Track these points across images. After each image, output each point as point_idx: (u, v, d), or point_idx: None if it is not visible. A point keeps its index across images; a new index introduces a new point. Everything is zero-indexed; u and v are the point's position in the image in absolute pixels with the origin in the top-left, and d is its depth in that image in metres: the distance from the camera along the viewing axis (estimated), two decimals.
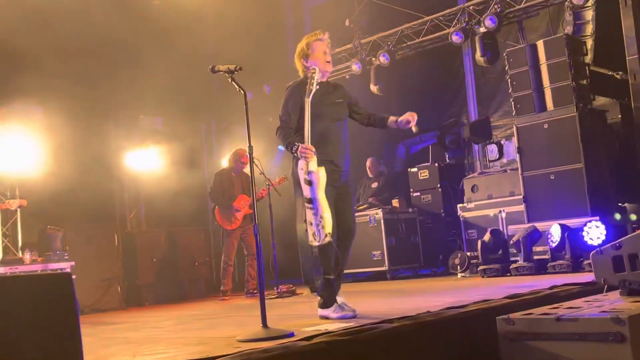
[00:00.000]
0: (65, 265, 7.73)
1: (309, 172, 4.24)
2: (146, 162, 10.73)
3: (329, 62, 4.77)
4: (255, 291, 8.15)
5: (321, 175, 4.28)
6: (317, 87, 4.41)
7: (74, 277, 2.04)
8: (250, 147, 4.12)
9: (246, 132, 4.11)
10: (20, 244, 9.18)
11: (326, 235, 4.20)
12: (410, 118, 4.84)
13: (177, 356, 3.27)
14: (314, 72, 4.41)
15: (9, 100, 9.15)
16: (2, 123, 9.04)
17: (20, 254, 8.34)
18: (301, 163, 4.30)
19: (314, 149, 4.27)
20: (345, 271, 9.42)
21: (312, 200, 4.23)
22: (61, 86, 8.93)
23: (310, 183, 4.23)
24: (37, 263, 7.65)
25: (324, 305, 4.50)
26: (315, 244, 4.27)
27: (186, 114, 11.15)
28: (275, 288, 7.91)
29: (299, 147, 4.28)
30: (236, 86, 4.14)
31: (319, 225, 4.18)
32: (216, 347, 3.56)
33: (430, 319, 3.72)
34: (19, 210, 8.88)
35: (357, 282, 9.50)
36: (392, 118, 4.92)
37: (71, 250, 8.10)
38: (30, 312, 1.69)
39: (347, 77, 11.28)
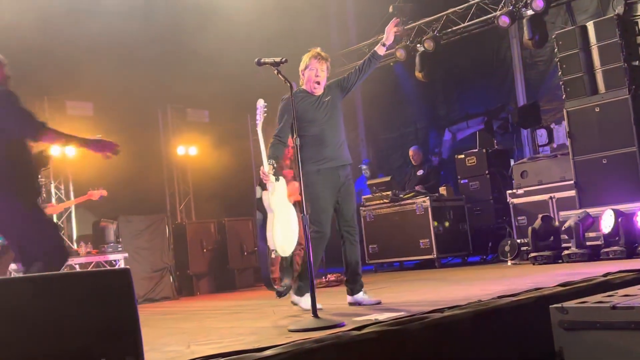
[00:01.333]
0: (119, 257, 7.94)
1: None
2: (194, 154, 10.91)
3: (318, 83, 4.96)
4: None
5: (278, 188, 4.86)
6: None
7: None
8: (296, 139, 4.15)
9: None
10: (75, 236, 9.47)
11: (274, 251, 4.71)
12: (391, 24, 5.04)
13: (231, 346, 3.33)
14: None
15: (61, 95, 9.44)
16: (55, 116, 9.32)
17: (75, 247, 8.60)
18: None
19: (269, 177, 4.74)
20: (392, 260, 9.51)
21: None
22: (111, 81, 9.15)
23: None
24: (92, 255, 7.86)
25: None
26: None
27: (232, 106, 11.26)
28: (323, 277, 7.96)
29: (261, 170, 4.78)
30: (282, 78, 4.16)
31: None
32: (268, 337, 3.61)
33: (482, 308, 3.69)
34: (73, 205, 9.18)
35: (405, 270, 9.49)
36: (377, 47, 5.05)
37: (124, 242, 8.30)
38: (93, 307, 1.74)
39: (391, 64, 11.21)
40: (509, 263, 8.02)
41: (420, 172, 10.08)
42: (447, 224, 9.06)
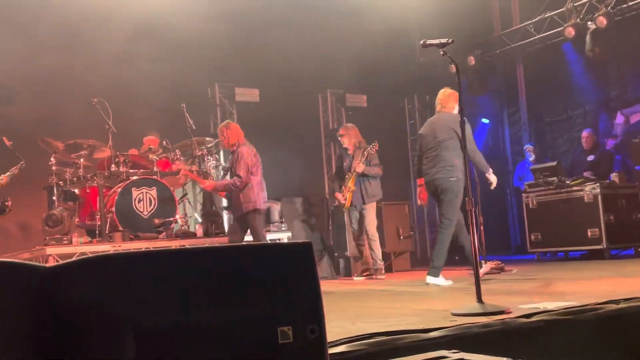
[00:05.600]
0: (283, 236, 8.28)
1: None
2: None
3: None
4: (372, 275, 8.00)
5: None
6: None
7: None
8: (463, 122, 4.09)
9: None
10: None
11: None
12: None
13: (395, 325, 3.38)
14: None
15: (231, 82, 10.00)
16: (224, 102, 9.91)
17: None
18: None
19: None
20: (556, 249, 9.09)
21: None
22: (274, 67, 9.55)
23: None
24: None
25: None
26: None
27: (389, 91, 11.30)
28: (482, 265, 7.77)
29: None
30: (449, 59, 4.11)
31: None
32: (431, 319, 3.62)
33: None
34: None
35: (570, 260, 9.03)
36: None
37: (287, 222, 8.63)
38: (277, 277, 1.85)
39: (559, 43, 10.64)
40: None
41: (590, 158, 9.50)
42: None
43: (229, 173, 7.00)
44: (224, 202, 8.00)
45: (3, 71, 8.18)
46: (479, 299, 3.82)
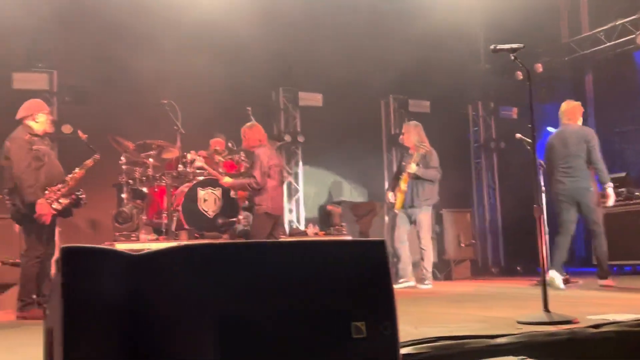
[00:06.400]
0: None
1: None
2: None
3: None
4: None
5: None
6: None
7: None
8: (532, 128, 4.04)
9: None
10: (303, 218, 10.14)
11: None
12: None
13: (458, 331, 3.37)
14: None
15: (295, 87, 10.15)
16: (288, 106, 10.06)
17: (303, 227, 9.19)
18: None
19: None
20: (623, 262, 8.80)
21: None
22: (338, 72, 9.62)
23: None
24: (318, 237, 8.33)
25: None
26: None
27: (453, 97, 11.22)
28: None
29: None
30: (520, 64, 4.06)
31: None
32: (496, 326, 3.59)
33: None
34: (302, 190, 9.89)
35: (638, 274, 8.78)
36: None
37: (348, 225, 8.66)
38: (350, 273, 1.89)
39: (630, 52, 10.35)
40: None
41: None
42: None
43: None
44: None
45: (77, 71, 8.53)
46: (546, 308, 3.77)
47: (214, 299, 1.65)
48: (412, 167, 7.56)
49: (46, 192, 5.45)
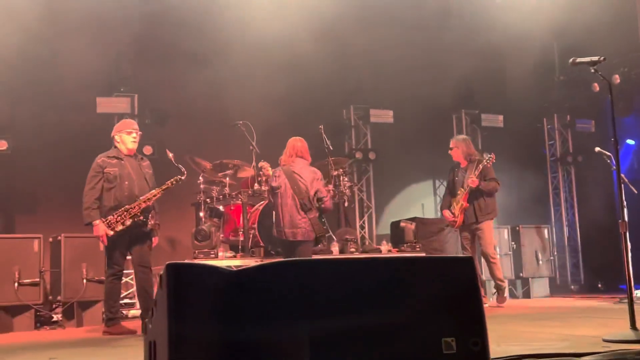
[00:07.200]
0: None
1: None
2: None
3: None
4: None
5: None
6: None
7: None
8: (614, 142, 3.95)
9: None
10: (375, 235, 10.15)
11: None
12: None
13: (541, 349, 3.32)
14: None
15: (365, 104, 10.24)
16: (359, 123, 10.14)
17: (375, 244, 9.18)
18: None
19: None
20: None
21: None
22: (408, 88, 9.65)
23: None
24: (391, 253, 8.32)
25: None
26: None
27: (527, 111, 11.03)
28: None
29: None
30: (600, 77, 3.99)
31: None
32: (581, 344, 3.52)
33: None
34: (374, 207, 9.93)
35: None
36: None
37: (421, 242, 8.60)
38: (440, 290, 1.91)
39: None
40: None
41: None
42: None
43: None
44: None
45: (158, 96, 8.89)
46: (633, 326, 3.66)
47: (307, 315, 1.71)
48: (475, 181, 7.24)
49: (113, 214, 5.52)
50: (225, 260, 7.05)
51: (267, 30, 8.41)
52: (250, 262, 6.90)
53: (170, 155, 5.81)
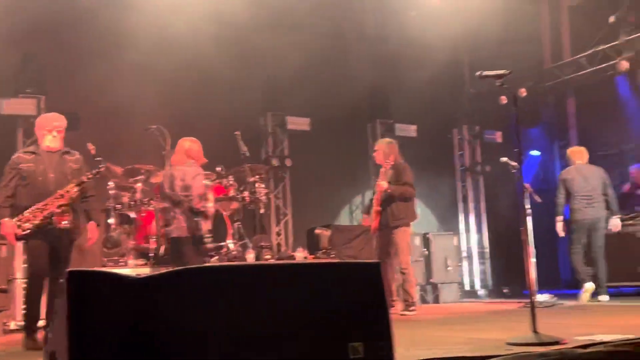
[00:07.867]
0: None
1: None
2: None
3: None
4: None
5: None
6: None
7: None
8: (518, 152, 4.13)
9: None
10: (291, 241, 10.17)
11: None
12: None
13: (449, 352, 3.41)
14: None
15: (283, 111, 10.23)
16: (276, 130, 10.13)
17: (291, 251, 9.19)
18: None
19: None
20: (607, 284, 8.91)
21: None
22: (325, 99, 9.73)
23: None
24: (307, 260, 8.34)
25: None
26: None
27: (439, 121, 11.37)
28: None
29: None
30: (500, 91, 4.17)
31: None
32: (484, 348, 3.64)
33: None
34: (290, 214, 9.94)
35: (623, 296, 8.85)
36: None
37: (335, 249, 8.67)
38: (346, 295, 1.94)
39: (612, 76, 10.57)
40: None
41: None
42: None
43: None
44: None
45: (67, 99, 8.55)
46: (534, 330, 3.82)
47: (215, 322, 1.69)
48: (383, 184, 7.05)
49: (25, 213, 5.15)
50: (135, 269, 6.86)
51: (186, 35, 8.31)
52: (161, 270, 6.74)
53: (92, 147, 5.52)
